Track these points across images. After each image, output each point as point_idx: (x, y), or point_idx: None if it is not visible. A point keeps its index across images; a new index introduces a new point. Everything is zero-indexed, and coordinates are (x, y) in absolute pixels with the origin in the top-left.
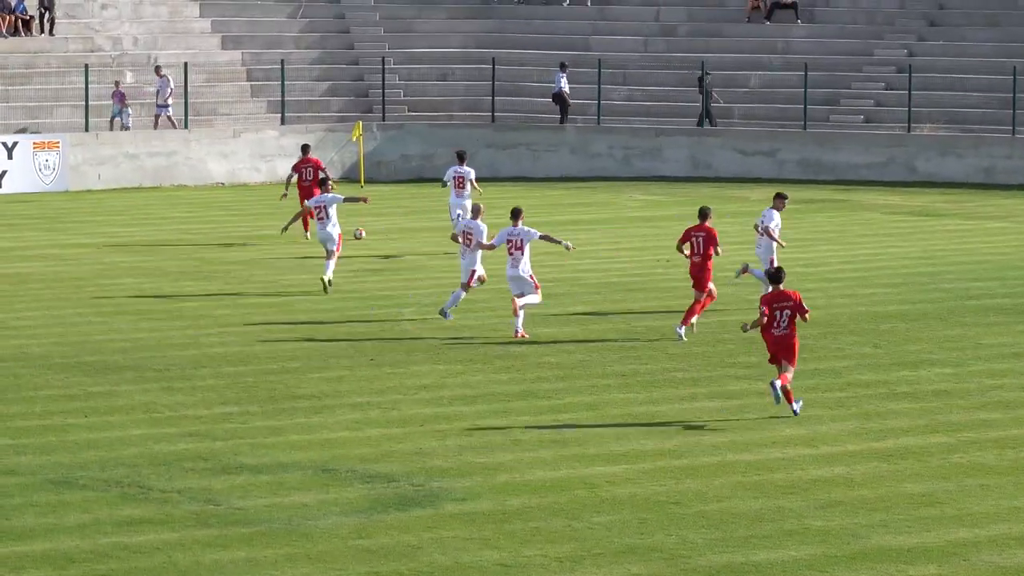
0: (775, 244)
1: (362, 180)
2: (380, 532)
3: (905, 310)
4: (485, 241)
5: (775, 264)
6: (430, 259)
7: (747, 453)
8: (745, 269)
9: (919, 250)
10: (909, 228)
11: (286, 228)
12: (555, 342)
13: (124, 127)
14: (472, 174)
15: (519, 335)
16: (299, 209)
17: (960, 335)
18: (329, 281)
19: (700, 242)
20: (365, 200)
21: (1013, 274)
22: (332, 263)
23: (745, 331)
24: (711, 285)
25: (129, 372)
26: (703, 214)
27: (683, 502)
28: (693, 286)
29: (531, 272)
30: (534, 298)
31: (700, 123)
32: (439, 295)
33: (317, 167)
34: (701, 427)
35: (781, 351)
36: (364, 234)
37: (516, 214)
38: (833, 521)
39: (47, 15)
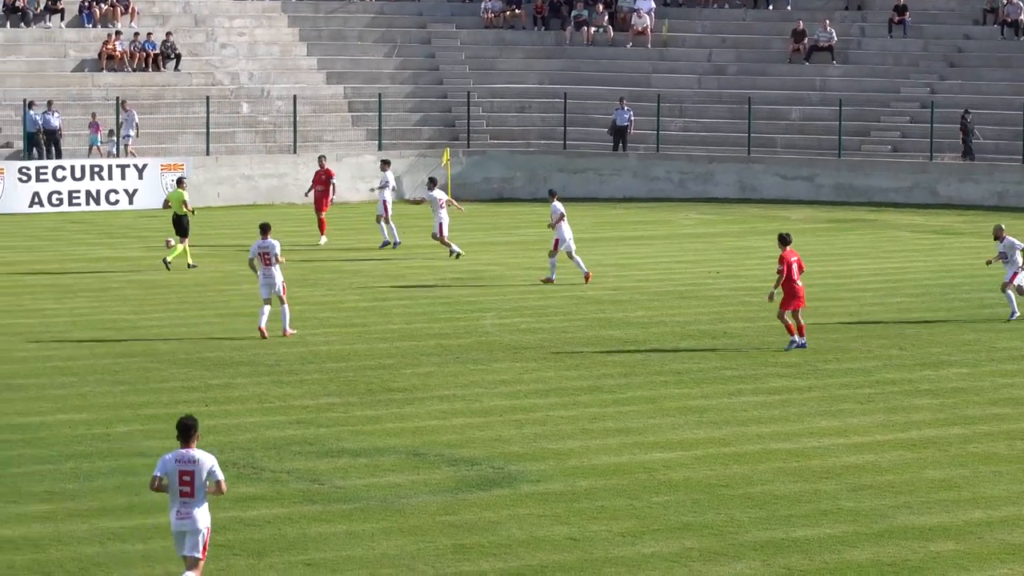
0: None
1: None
2: (464, 509)
3: (927, 317)
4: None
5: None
6: (508, 269)
7: (787, 442)
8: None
9: (940, 264)
10: (931, 245)
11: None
12: (618, 343)
13: (110, 153)
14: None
15: None
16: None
17: (975, 339)
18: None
19: None
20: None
21: None
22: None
23: (771, 300)
24: None
25: (244, 367)
26: None
27: (731, 485)
28: None
29: None
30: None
31: (965, 156)
32: (517, 302)
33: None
34: (747, 419)
35: (798, 299)
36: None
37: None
38: (863, 503)
39: (173, 53)
